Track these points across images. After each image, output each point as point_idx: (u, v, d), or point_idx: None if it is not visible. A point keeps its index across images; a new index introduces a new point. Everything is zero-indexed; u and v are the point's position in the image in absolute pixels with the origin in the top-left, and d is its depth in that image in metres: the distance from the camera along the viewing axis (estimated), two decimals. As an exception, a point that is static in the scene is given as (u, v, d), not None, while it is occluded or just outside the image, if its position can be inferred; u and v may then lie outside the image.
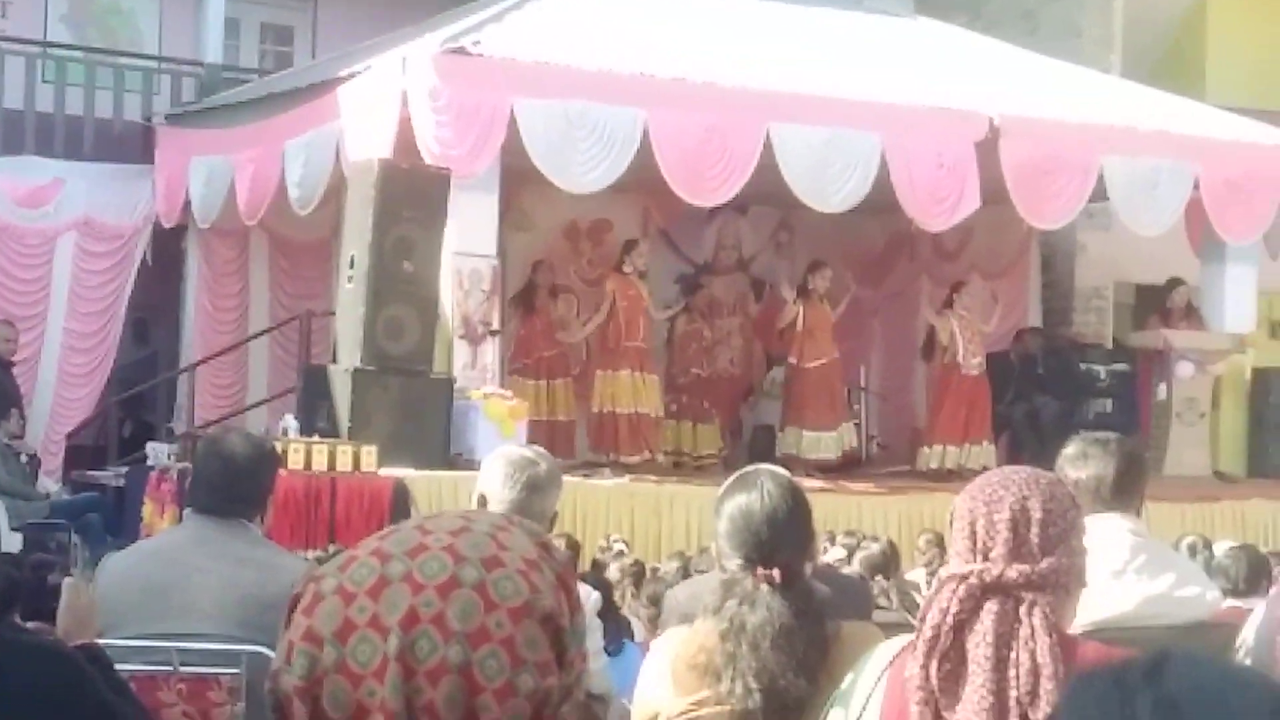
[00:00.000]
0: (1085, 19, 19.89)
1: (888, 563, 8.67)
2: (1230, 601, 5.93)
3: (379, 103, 13.24)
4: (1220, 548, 7.85)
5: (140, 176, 16.95)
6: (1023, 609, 2.79)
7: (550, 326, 15.59)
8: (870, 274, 18.33)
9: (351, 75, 13.99)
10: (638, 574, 8.76)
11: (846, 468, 15.46)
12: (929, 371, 16.58)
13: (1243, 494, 14.72)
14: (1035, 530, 2.85)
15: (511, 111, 12.93)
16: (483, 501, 4.40)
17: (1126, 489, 4.26)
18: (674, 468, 15.47)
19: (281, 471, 10.76)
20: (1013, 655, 2.75)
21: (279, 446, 11.12)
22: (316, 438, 12.03)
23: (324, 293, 15.64)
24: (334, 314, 13.49)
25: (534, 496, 4.35)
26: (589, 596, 4.32)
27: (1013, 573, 2.82)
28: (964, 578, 2.83)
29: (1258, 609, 4.56)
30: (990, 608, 2.80)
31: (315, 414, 12.71)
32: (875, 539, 9.71)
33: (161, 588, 4.51)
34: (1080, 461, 4.27)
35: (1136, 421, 15.99)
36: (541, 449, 4.74)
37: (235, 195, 15.25)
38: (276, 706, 1.55)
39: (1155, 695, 1.26)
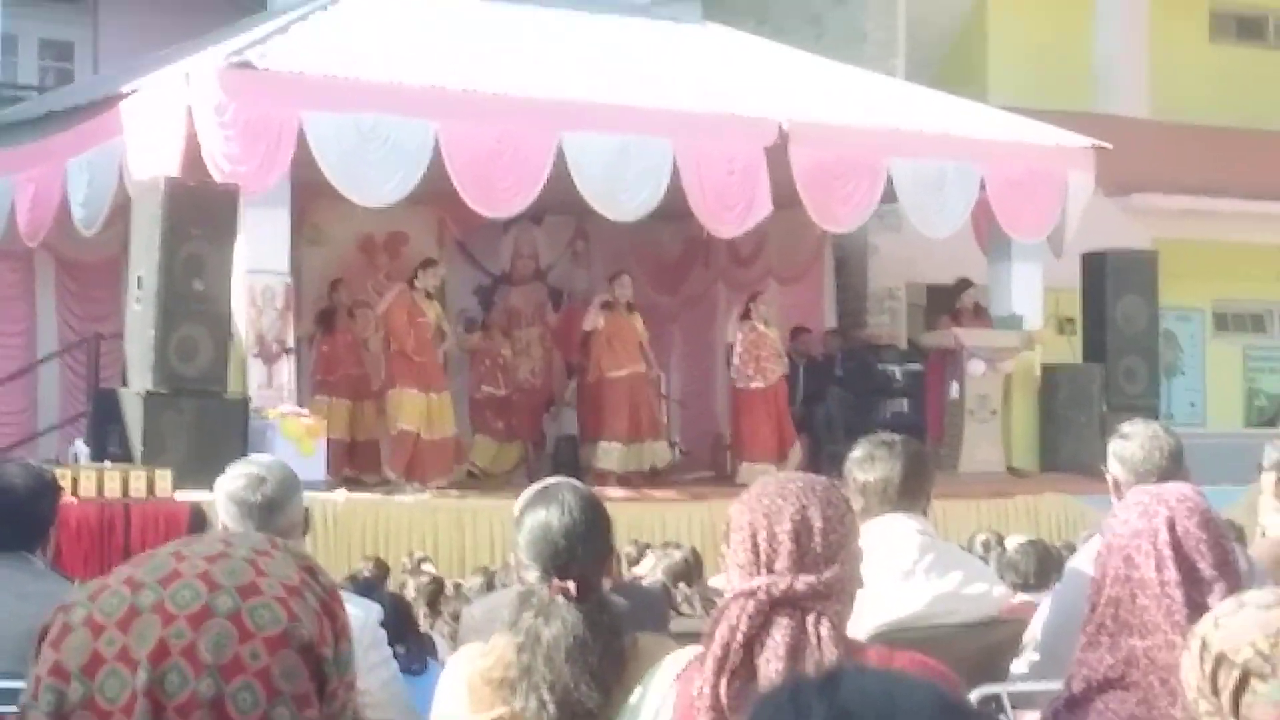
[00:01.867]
0: (870, 23, 20.21)
1: (690, 570, 8.67)
2: (1021, 596, 6.05)
3: (163, 119, 13.00)
4: (1012, 543, 7.97)
5: (-85, 200, 16.44)
6: (809, 619, 2.79)
7: (352, 345, 15.39)
8: (667, 280, 18.41)
9: (134, 91, 13.70)
10: (433, 592, 8.70)
11: (650, 475, 15.47)
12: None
13: (1035, 489, 14.94)
14: (818, 539, 2.85)
15: (300, 125, 12.78)
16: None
17: (913, 489, 4.33)
18: (473, 481, 15.32)
19: (73, 499, 10.71)
20: (800, 668, 2.75)
21: (69, 473, 10.99)
22: (108, 463, 11.78)
23: (114, 314, 15.28)
24: (124, 336, 13.21)
25: (275, 515, 4.18)
26: (369, 610, 4.25)
27: (800, 585, 2.81)
28: (751, 593, 2.82)
29: (1044, 603, 4.66)
30: (781, 622, 2.79)
31: (107, 439, 12.45)
32: (678, 546, 9.73)
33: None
34: (867, 464, 4.33)
35: (931, 420, 16.27)
36: (264, 458, 4.60)
37: (16, 216, 14.87)
38: None
39: (829, 706, 1.32)
